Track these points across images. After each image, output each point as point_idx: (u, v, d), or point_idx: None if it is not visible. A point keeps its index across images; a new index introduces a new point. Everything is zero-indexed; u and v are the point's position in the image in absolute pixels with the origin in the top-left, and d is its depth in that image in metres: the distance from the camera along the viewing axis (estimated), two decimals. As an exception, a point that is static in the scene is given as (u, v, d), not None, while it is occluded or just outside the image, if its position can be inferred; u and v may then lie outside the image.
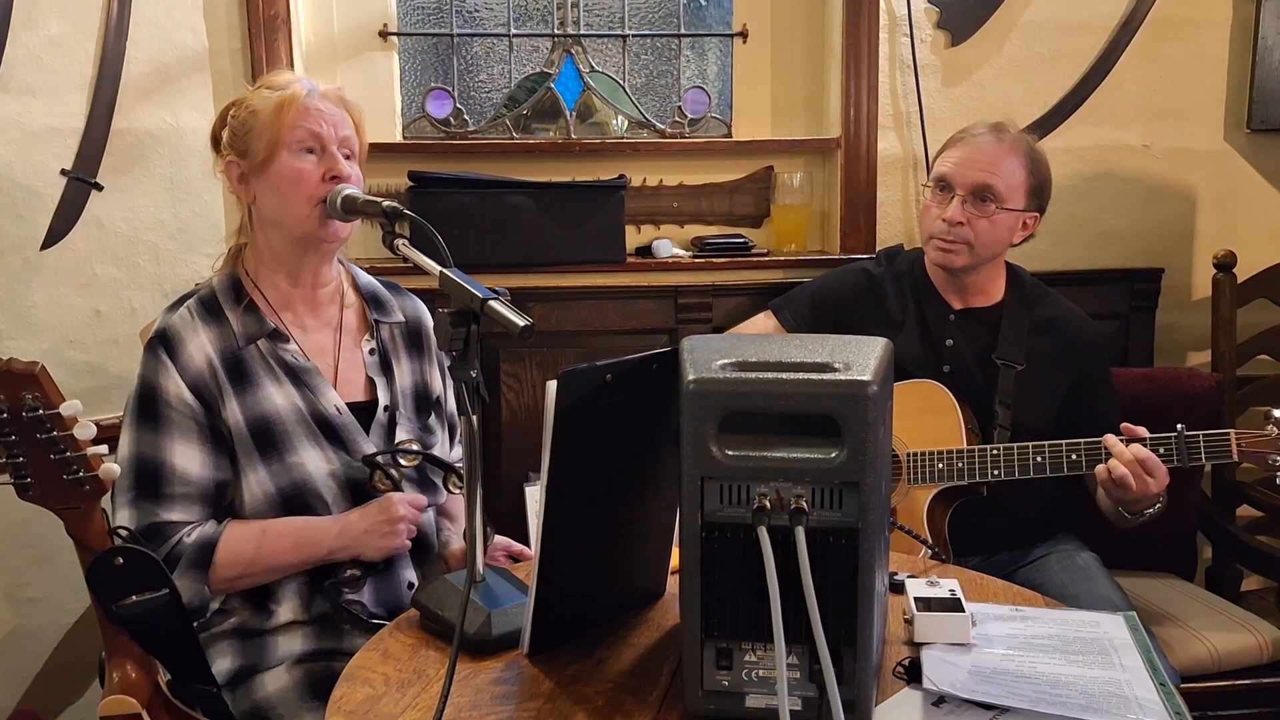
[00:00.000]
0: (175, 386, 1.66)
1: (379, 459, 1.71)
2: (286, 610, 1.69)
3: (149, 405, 1.66)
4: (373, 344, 1.82)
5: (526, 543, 1.93)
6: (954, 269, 2.21)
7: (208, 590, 1.63)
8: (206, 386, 1.67)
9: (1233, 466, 2.58)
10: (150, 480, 1.64)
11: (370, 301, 1.86)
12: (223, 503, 1.69)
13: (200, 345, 1.68)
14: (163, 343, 1.68)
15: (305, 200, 1.69)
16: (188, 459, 1.65)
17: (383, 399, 1.78)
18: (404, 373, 1.84)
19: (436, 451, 1.82)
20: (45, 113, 2.39)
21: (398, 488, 1.72)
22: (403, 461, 1.74)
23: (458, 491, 1.82)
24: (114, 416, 1.95)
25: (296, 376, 1.72)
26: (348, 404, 1.75)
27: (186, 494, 1.65)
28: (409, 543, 1.70)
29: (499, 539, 1.84)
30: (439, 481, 1.83)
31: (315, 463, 1.69)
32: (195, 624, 1.66)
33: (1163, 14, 2.73)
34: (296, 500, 1.68)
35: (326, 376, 1.75)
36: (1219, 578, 2.61)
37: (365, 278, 1.89)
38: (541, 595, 1.29)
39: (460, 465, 1.82)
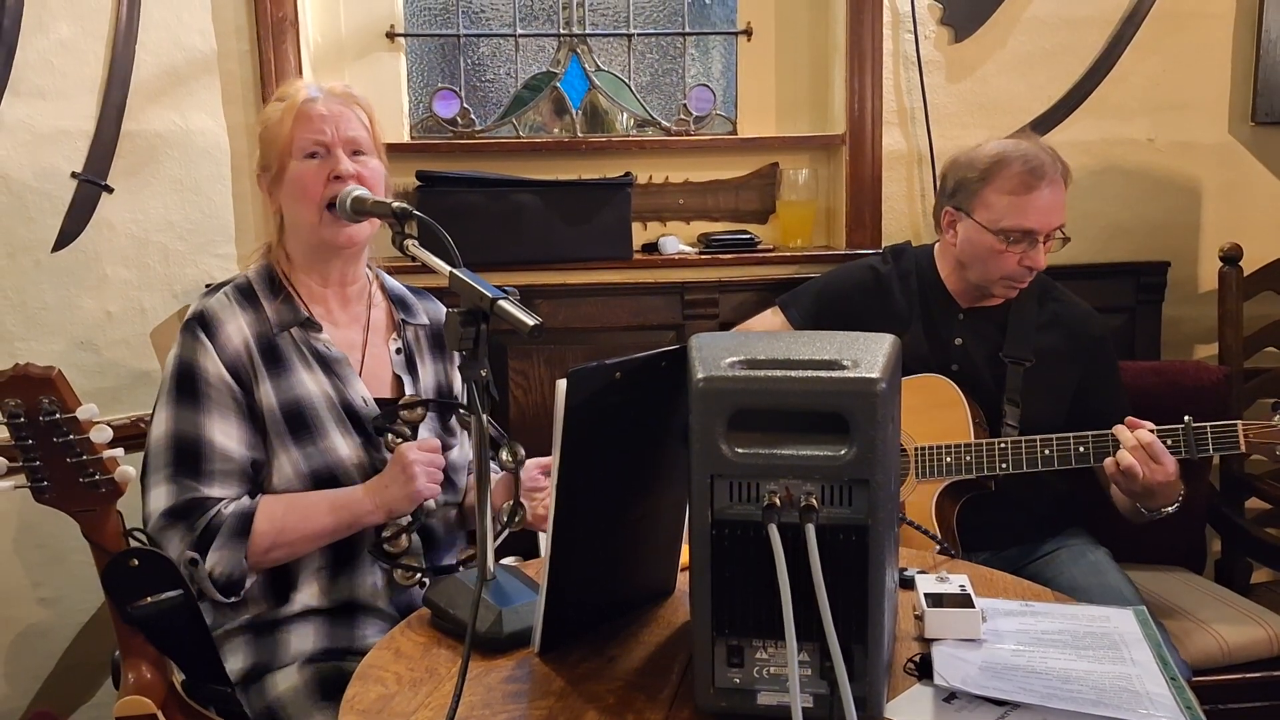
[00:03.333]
0: (214, 366, 1.67)
1: (381, 421, 1.73)
2: (305, 596, 1.70)
3: (188, 384, 1.67)
4: (399, 343, 1.85)
5: (535, 541, 1.94)
6: None
7: (245, 562, 1.63)
8: (244, 367, 1.69)
9: (1241, 459, 2.58)
10: (190, 456, 1.65)
11: (397, 304, 1.89)
12: (258, 479, 1.70)
13: (238, 328, 1.71)
14: (201, 324, 1.70)
15: (313, 204, 1.71)
16: (227, 436, 1.67)
17: (409, 394, 1.80)
18: (427, 373, 1.86)
19: (454, 452, 1.83)
20: (56, 115, 2.41)
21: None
22: (405, 416, 1.75)
23: (466, 426, 1.81)
24: (125, 417, 1.97)
25: (327, 365, 1.74)
26: (375, 398, 1.76)
27: (226, 470, 1.66)
28: (435, 487, 1.69)
29: (531, 460, 1.77)
30: (458, 479, 1.84)
31: (345, 449, 1.71)
32: (208, 620, 1.67)
33: (1166, 7, 2.73)
34: (329, 483, 1.70)
35: (355, 369, 1.77)
36: (1228, 570, 2.62)
37: (392, 282, 1.93)
38: (552, 593, 1.30)
39: (464, 405, 1.83)
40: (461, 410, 1.82)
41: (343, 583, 1.72)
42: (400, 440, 1.73)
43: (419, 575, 1.74)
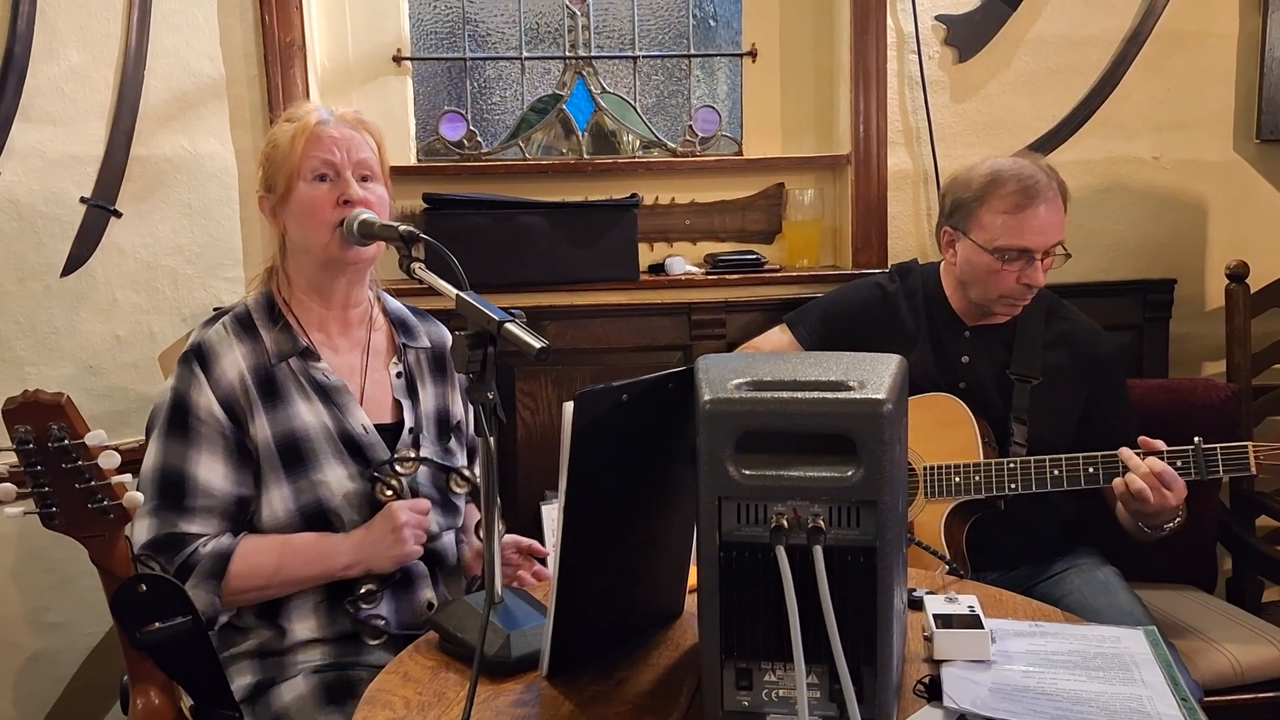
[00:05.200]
0: (206, 401, 1.68)
1: (378, 470, 1.73)
2: (302, 629, 1.70)
3: (179, 418, 1.68)
4: (399, 367, 1.84)
5: (543, 564, 1.93)
6: None
7: (219, 601, 1.63)
8: (237, 402, 1.69)
9: (1251, 477, 2.57)
10: (174, 491, 1.66)
11: (398, 326, 1.89)
12: (242, 518, 1.70)
13: (234, 361, 1.71)
14: (197, 357, 1.70)
15: (323, 226, 1.71)
16: (212, 472, 1.67)
17: (408, 421, 1.80)
18: (428, 397, 1.86)
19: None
20: (65, 141, 2.42)
21: (402, 498, 1.73)
22: (400, 469, 1.74)
23: (462, 490, 1.82)
24: (134, 440, 1.97)
25: (326, 394, 1.74)
26: (374, 425, 1.76)
27: (208, 507, 1.67)
28: (419, 549, 1.70)
29: (509, 537, 1.84)
30: (459, 503, 1.84)
31: (339, 480, 1.70)
32: (214, 644, 1.67)
33: (1169, 26, 2.73)
34: (316, 518, 1.70)
35: (354, 396, 1.77)
36: (1240, 589, 2.60)
37: (394, 304, 1.92)
38: (560, 616, 1.29)
39: (465, 469, 1.84)
40: (464, 475, 1.82)
41: (340, 616, 1.72)
42: (391, 493, 1.72)
43: (383, 638, 1.71)
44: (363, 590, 1.69)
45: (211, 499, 1.67)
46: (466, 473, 1.82)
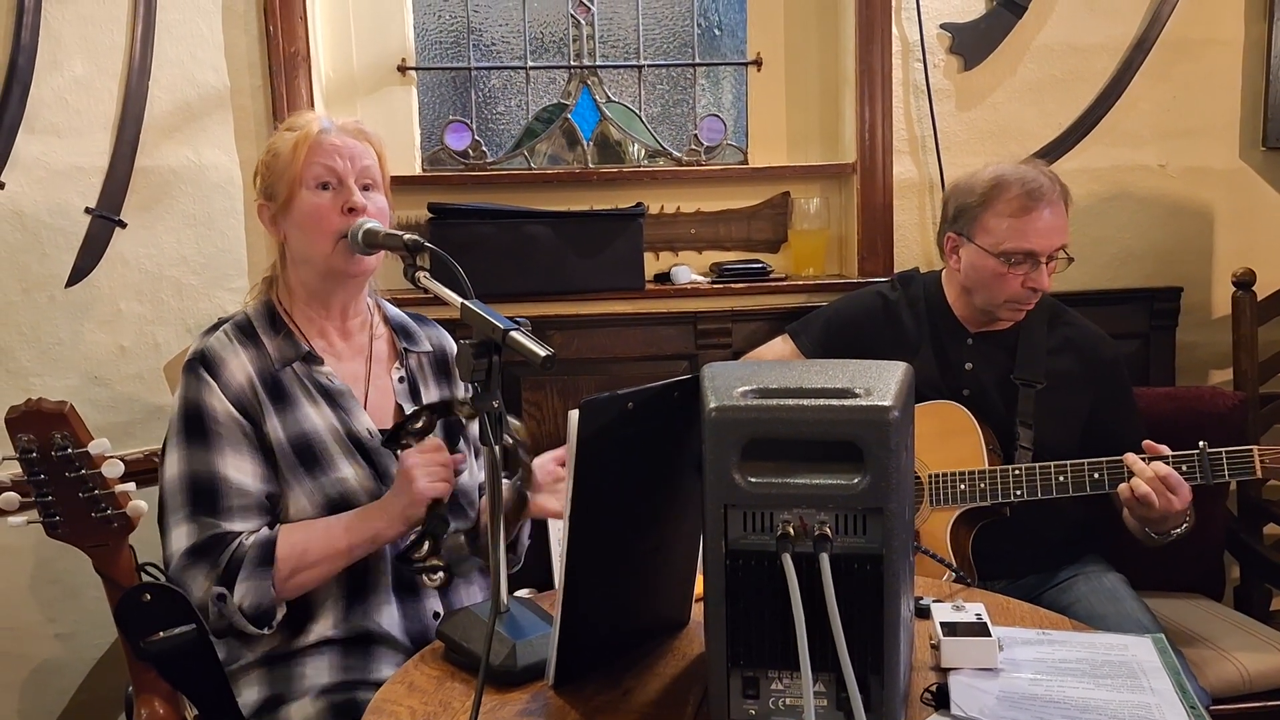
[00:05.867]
0: (220, 403, 1.67)
1: (393, 437, 1.70)
2: (322, 626, 1.69)
3: (196, 424, 1.67)
4: (401, 372, 1.84)
5: (549, 573, 1.93)
6: None
7: (274, 591, 1.61)
8: (250, 403, 1.69)
9: (1259, 484, 2.56)
10: (207, 495, 1.65)
11: (399, 332, 1.89)
12: (275, 513, 1.70)
13: (241, 365, 1.71)
14: (203, 363, 1.70)
15: (326, 235, 1.71)
16: (240, 471, 1.67)
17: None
18: (431, 399, 1.85)
19: (464, 478, 1.82)
20: (70, 152, 2.43)
21: None
22: (412, 428, 1.71)
23: (471, 419, 1.79)
24: (138, 451, 1.98)
25: (331, 398, 1.74)
26: (379, 430, 1.76)
27: (244, 505, 1.66)
28: (440, 485, 1.65)
29: (545, 454, 1.79)
30: (467, 506, 1.84)
31: (354, 480, 1.71)
32: (222, 655, 1.67)
33: (1175, 34, 2.73)
34: (344, 511, 1.69)
35: (359, 402, 1.77)
36: (1248, 597, 2.59)
37: (394, 310, 1.92)
38: (566, 625, 1.29)
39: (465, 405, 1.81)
40: (464, 406, 1.78)
41: (358, 612, 1.71)
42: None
43: (443, 575, 1.67)
44: (407, 542, 1.67)
45: (246, 497, 1.66)
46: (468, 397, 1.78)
